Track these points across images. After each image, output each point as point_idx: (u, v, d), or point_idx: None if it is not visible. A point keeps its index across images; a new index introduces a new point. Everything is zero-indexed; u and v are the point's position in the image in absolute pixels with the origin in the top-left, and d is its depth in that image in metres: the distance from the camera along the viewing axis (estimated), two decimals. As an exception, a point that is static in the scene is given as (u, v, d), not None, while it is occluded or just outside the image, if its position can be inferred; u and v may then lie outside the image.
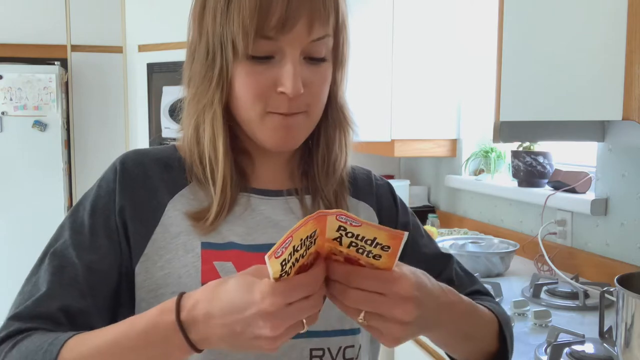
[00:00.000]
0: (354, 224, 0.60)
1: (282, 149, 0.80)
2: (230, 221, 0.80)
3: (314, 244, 0.62)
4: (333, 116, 0.84)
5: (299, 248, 0.60)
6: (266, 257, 0.58)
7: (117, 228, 0.78)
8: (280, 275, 0.60)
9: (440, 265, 0.93)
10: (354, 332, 0.81)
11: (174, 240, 0.78)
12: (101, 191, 0.81)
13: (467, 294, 0.89)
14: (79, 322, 0.73)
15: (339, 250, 0.63)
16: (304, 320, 0.62)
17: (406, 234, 0.61)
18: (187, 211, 0.79)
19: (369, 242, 0.62)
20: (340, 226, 0.61)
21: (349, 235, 0.62)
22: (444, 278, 0.90)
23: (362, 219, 0.61)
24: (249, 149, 0.83)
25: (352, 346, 0.81)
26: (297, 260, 0.61)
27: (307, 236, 0.60)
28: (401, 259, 0.64)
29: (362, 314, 0.64)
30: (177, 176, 0.82)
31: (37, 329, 0.71)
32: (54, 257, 0.77)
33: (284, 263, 0.59)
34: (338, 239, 0.62)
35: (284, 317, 0.60)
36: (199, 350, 0.65)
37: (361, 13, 2.57)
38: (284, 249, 0.58)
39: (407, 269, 0.66)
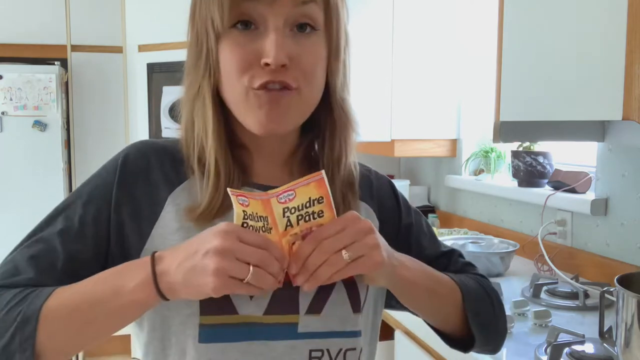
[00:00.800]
0: (291, 197, 0.69)
1: (270, 130, 0.76)
2: (231, 216, 0.80)
3: (270, 232, 0.70)
4: (333, 110, 0.82)
5: (257, 219, 0.69)
6: (228, 189, 0.68)
7: (108, 220, 0.78)
8: (243, 225, 0.68)
9: (444, 263, 0.94)
10: (354, 334, 0.80)
11: (173, 235, 0.77)
12: (100, 181, 0.81)
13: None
14: None
15: (295, 233, 0.71)
16: (251, 269, 0.65)
17: (322, 172, 0.69)
18: (186, 206, 0.78)
19: (307, 205, 0.70)
20: (284, 209, 0.69)
21: (293, 211, 0.69)
22: (450, 272, 0.92)
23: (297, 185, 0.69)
24: (247, 145, 0.83)
25: (354, 349, 0.80)
26: (256, 230, 0.69)
27: (262, 216, 0.69)
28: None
29: (343, 254, 0.69)
30: (179, 169, 0.82)
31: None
32: (38, 241, 0.78)
33: (245, 214, 0.68)
34: (288, 224, 0.70)
35: (234, 241, 0.65)
36: (160, 290, 0.68)
37: (361, 13, 2.57)
38: (244, 201, 0.67)
39: None
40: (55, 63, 3.70)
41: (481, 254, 2.03)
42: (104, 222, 0.78)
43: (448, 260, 0.95)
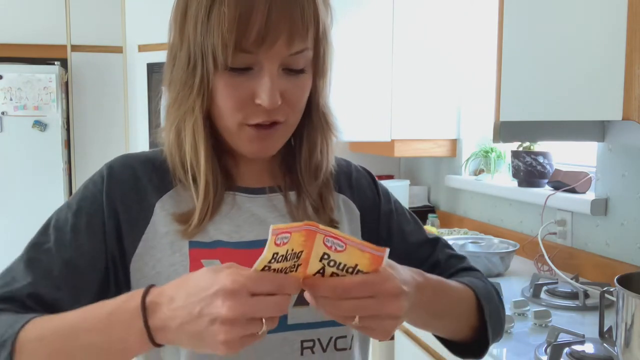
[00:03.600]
0: (338, 248, 0.61)
1: (259, 157, 0.83)
2: (218, 220, 0.81)
3: (296, 270, 0.62)
4: (315, 122, 0.85)
5: (287, 258, 0.60)
6: (272, 227, 0.57)
7: (103, 228, 0.79)
8: (263, 269, 0.60)
9: (427, 251, 0.94)
10: None
11: (162, 239, 0.79)
12: (87, 192, 0.82)
13: (452, 273, 0.92)
14: (52, 311, 0.73)
15: None
16: (264, 321, 0.60)
17: (386, 252, 0.62)
18: (174, 213, 0.81)
19: (351, 270, 0.63)
20: (324, 253, 0.61)
21: (332, 264, 0.62)
22: (431, 262, 0.93)
23: (347, 234, 0.62)
24: (231, 149, 0.84)
25: (344, 336, 0.82)
26: (279, 271, 0.61)
27: (295, 253, 0.60)
28: (389, 246, 0.65)
29: (356, 319, 0.64)
30: (165, 178, 0.83)
31: (10, 310, 0.73)
32: (32, 249, 0.78)
33: (275, 256, 0.59)
34: (321, 271, 0.63)
35: (244, 302, 0.58)
36: (155, 342, 0.64)
37: (361, 13, 2.57)
38: (285, 239, 0.58)
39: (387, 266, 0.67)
40: (55, 63, 3.71)
41: (481, 254, 2.03)
42: (98, 229, 0.79)
43: (433, 248, 0.95)
